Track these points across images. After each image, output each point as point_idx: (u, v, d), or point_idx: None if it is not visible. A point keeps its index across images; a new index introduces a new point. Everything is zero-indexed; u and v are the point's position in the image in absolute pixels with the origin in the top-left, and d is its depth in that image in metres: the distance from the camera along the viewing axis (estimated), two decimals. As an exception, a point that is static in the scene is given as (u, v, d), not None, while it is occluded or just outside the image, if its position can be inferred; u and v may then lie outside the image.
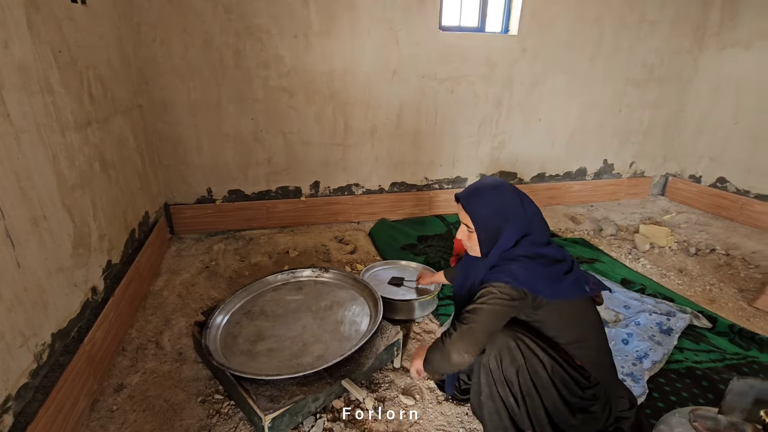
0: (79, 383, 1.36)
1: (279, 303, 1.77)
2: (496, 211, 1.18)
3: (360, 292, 1.87)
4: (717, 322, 2.04)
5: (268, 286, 1.87)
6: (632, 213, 3.65)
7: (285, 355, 1.48)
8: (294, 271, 1.95)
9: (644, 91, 3.58)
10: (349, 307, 1.77)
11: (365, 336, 1.53)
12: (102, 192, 1.78)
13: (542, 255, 1.16)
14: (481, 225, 1.20)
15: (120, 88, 2.11)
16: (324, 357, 1.46)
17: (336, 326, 1.65)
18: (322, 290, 1.88)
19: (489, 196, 1.20)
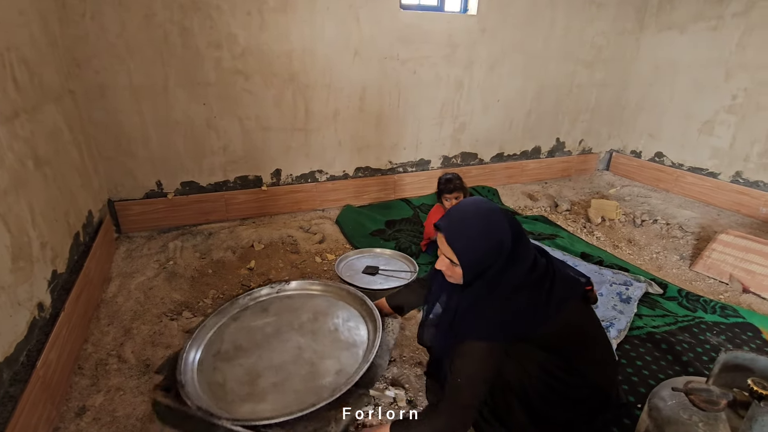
0: (36, 414, 1.21)
1: (250, 332, 1.44)
2: (486, 252, 1.05)
3: (336, 295, 1.66)
4: (667, 287, 2.23)
5: (227, 317, 1.50)
6: (582, 188, 3.87)
7: (298, 383, 1.23)
8: (251, 292, 1.61)
9: (593, 71, 3.74)
10: (335, 314, 1.56)
11: (377, 334, 1.35)
12: (39, 194, 1.56)
13: (527, 285, 1.07)
14: (467, 263, 1.07)
15: (48, 71, 1.84)
16: (344, 370, 1.27)
17: (333, 335, 1.44)
18: (294, 304, 1.60)
19: (478, 236, 1.06)
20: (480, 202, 1.13)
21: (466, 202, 1.14)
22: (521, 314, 1.05)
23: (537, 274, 1.08)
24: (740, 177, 3.32)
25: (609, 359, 1.22)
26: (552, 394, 1.14)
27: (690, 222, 3.13)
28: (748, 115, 3.21)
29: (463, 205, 1.12)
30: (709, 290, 2.31)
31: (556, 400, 1.15)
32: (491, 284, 1.07)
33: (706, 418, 0.89)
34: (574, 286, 1.12)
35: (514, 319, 1.05)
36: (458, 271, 1.09)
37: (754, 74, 3.14)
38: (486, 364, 1.05)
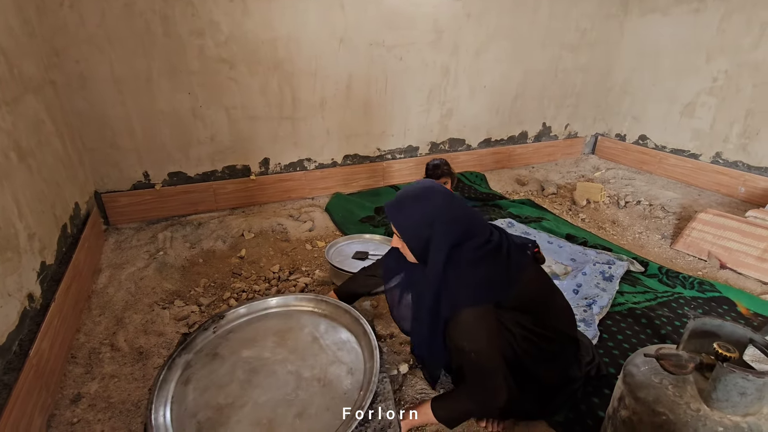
0: (31, 401, 1.23)
1: (218, 376, 1.21)
2: (420, 222, 1.13)
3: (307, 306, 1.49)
4: (648, 265, 2.30)
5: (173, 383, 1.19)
6: (568, 172, 3.92)
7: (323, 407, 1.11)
8: (182, 345, 1.30)
9: (577, 56, 3.77)
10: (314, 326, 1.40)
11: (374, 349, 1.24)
12: (24, 185, 1.55)
13: (492, 251, 1.14)
14: (407, 236, 1.16)
15: (27, 62, 1.81)
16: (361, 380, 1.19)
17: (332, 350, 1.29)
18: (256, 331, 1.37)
19: (411, 207, 1.15)
20: (421, 182, 1.23)
21: (409, 186, 1.23)
22: (491, 280, 1.12)
23: (493, 244, 1.16)
24: (720, 158, 3.40)
25: (566, 305, 1.31)
26: (536, 351, 1.21)
27: (672, 202, 3.21)
28: (728, 97, 3.28)
29: (406, 188, 1.22)
30: (688, 267, 2.39)
31: (540, 356, 1.22)
32: (449, 255, 1.12)
33: (676, 381, 0.94)
34: (525, 249, 1.22)
35: (487, 285, 1.11)
36: (406, 246, 1.19)
37: (733, 57, 3.20)
38: (487, 328, 1.11)
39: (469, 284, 1.11)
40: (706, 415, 0.86)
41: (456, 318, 1.11)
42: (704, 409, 0.87)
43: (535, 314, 1.20)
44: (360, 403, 1.11)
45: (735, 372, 0.82)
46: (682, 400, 0.90)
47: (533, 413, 1.35)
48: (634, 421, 0.95)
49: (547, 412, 1.35)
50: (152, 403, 1.11)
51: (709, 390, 0.87)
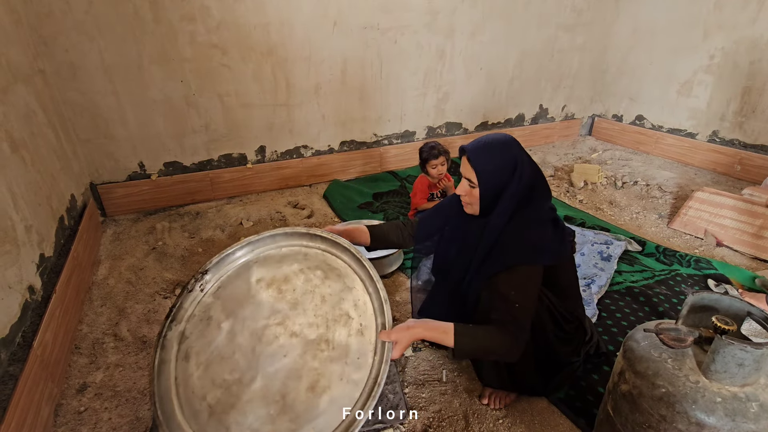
0: (37, 391, 1.24)
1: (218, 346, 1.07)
2: (503, 168, 1.14)
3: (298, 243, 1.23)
4: (645, 245, 2.32)
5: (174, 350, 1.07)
6: (565, 154, 3.92)
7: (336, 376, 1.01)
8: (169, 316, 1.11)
9: (573, 36, 3.73)
10: (312, 271, 1.17)
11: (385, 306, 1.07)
12: (18, 177, 1.53)
13: (553, 219, 1.19)
14: (485, 179, 1.15)
15: (15, 51, 1.77)
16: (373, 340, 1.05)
17: (334, 301, 1.12)
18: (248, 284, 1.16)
19: (495, 151, 1.16)
20: (505, 134, 1.22)
21: (491, 134, 1.23)
22: (549, 244, 1.14)
23: (554, 212, 1.21)
24: (717, 136, 3.40)
25: (580, 293, 1.37)
26: (555, 326, 1.25)
27: (669, 182, 3.22)
28: (725, 75, 3.26)
29: (488, 135, 1.21)
30: (685, 245, 2.41)
31: (558, 333, 1.26)
32: (516, 208, 1.14)
33: (675, 354, 0.96)
34: (570, 230, 1.27)
35: (546, 247, 1.13)
36: (476, 194, 1.18)
37: (730, 33, 3.17)
38: (535, 287, 1.13)
39: (534, 242, 1.13)
40: (704, 386, 0.88)
41: (514, 269, 1.12)
42: (703, 381, 0.89)
43: (558, 293, 1.24)
44: (376, 373, 0.99)
45: (733, 344, 0.83)
46: (681, 373, 0.92)
47: (536, 389, 1.38)
48: (634, 395, 0.97)
49: (548, 389, 1.38)
50: (155, 395, 0.98)
51: (707, 362, 0.89)
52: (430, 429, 1.31)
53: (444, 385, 1.47)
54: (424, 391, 1.44)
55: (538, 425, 1.33)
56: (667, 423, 0.90)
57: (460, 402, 1.40)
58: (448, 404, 1.40)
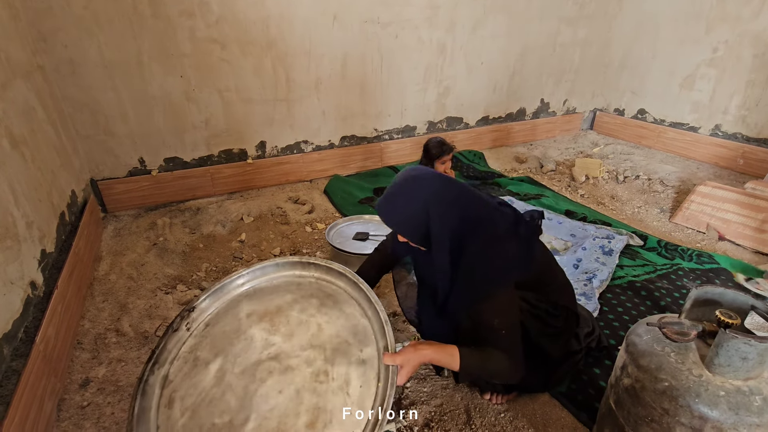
0: (40, 385, 1.24)
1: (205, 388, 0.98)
2: (413, 217, 1.06)
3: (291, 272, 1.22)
4: (647, 239, 2.32)
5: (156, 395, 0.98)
6: (567, 148, 3.90)
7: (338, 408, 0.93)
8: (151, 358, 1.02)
9: (575, 29, 3.70)
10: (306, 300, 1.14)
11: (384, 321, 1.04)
12: (19, 174, 1.53)
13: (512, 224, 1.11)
14: (405, 233, 1.10)
15: (14, 46, 1.76)
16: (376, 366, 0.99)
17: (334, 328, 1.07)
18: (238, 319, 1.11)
19: (400, 204, 1.07)
20: (407, 171, 1.11)
21: (396, 176, 1.13)
22: (516, 259, 1.09)
23: (507, 222, 1.11)
24: (719, 130, 3.39)
25: (567, 281, 1.29)
26: (541, 326, 1.22)
27: (671, 176, 3.20)
28: (729, 68, 3.24)
29: (392, 182, 1.11)
30: (687, 240, 2.40)
31: (545, 331, 1.23)
32: (464, 234, 1.07)
33: (678, 348, 0.95)
34: (533, 223, 1.16)
35: (513, 264, 1.09)
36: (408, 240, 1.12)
37: (734, 26, 3.15)
38: (515, 306, 1.11)
39: (499, 265, 1.07)
40: (708, 380, 0.88)
41: (490, 298, 1.07)
42: (706, 375, 0.89)
43: (539, 290, 1.21)
44: (381, 400, 0.92)
45: (737, 337, 0.83)
46: (684, 367, 0.91)
47: (537, 387, 1.37)
48: (636, 388, 0.97)
49: (549, 384, 1.38)
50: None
51: (711, 356, 0.88)
52: (432, 423, 1.32)
53: (445, 379, 1.47)
54: (425, 386, 1.44)
55: (539, 419, 1.33)
56: (669, 416, 0.90)
57: (462, 396, 1.41)
58: (450, 398, 1.40)
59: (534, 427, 1.30)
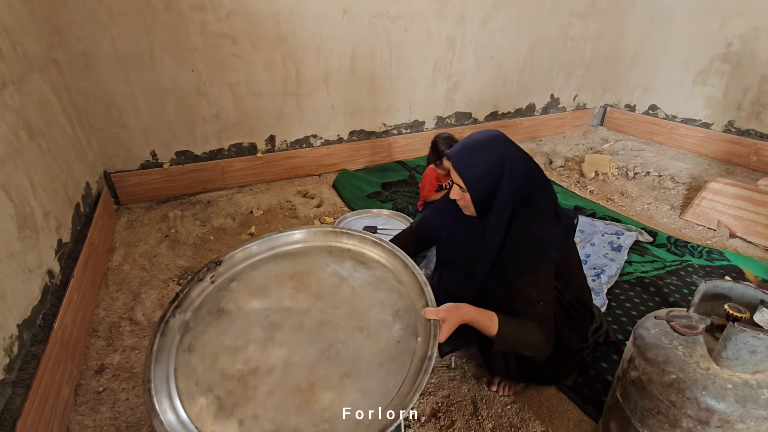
0: (58, 371, 1.28)
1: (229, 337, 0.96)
2: (489, 169, 1.10)
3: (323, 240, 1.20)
4: (657, 236, 2.30)
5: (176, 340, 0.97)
6: (576, 144, 3.88)
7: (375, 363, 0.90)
8: (175, 302, 1.02)
9: (587, 24, 3.66)
10: (339, 264, 1.13)
11: None
12: (36, 165, 1.56)
13: (554, 211, 1.15)
14: (473, 184, 1.13)
15: (30, 40, 1.79)
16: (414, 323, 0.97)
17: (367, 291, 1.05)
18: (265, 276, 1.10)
19: (478, 153, 1.11)
20: (485, 131, 1.18)
21: (476, 133, 1.18)
22: (558, 240, 1.13)
23: (555, 205, 1.18)
24: (732, 126, 3.34)
25: (585, 278, 1.35)
26: (566, 317, 1.24)
27: (682, 173, 3.17)
28: (743, 63, 3.19)
29: (472, 135, 1.18)
30: (697, 237, 2.38)
31: (566, 322, 1.25)
32: (516, 208, 1.12)
33: (685, 342, 0.96)
34: (572, 217, 1.23)
35: (555, 245, 1.13)
36: (468, 198, 1.16)
37: (750, 20, 3.09)
38: (552, 282, 1.13)
39: (544, 241, 1.11)
40: (715, 373, 0.88)
41: (533, 271, 1.10)
42: (714, 368, 0.89)
43: (564, 282, 1.23)
44: (424, 352, 0.89)
45: (746, 331, 0.83)
46: (691, 360, 0.92)
47: (545, 379, 1.38)
48: (643, 381, 0.97)
49: (557, 377, 1.39)
50: (150, 382, 0.85)
51: (719, 349, 0.89)
52: (438, 413, 1.33)
53: (452, 371, 1.49)
54: (432, 377, 1.46)
55: (546, 411, 1.34)
56: (676, 409, 0.91)
57: (469, 388, 1.42)
58: (457, 390, 1.41)
59: (540, 419, 1.32)
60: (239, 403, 0.84)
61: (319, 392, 0.85)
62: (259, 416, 0.81)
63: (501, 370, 1.35)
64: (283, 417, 0.81)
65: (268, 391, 0.85)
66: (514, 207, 1.12)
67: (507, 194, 1.11)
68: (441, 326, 0.94)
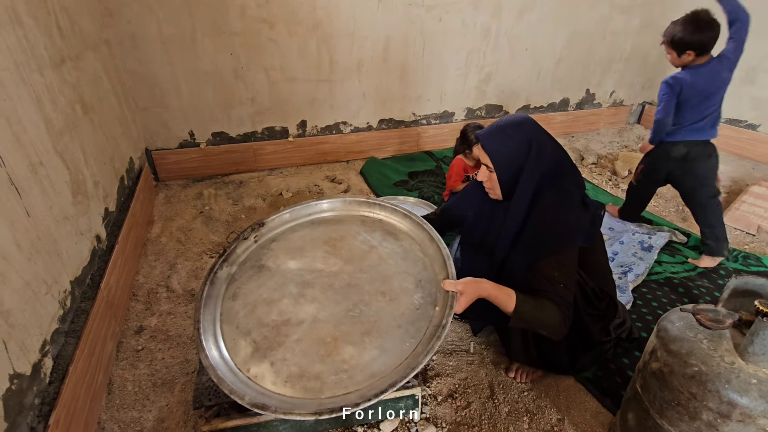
0: (103, 326, 1.38)
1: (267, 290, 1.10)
2: (516, 149, 1.13)
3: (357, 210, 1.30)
4: (690, 237, 2.23)
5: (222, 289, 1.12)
6: (610, 142, 3.77)
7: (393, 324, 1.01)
8: (223, 256, 1.16)
9: (629, 17, 3.53)
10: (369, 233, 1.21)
11: None
12: (88, 137, 1.67)
13: (582, 198, 1.17)
14: (500, 163, 1.16)
15: (85, 20, 1.91)
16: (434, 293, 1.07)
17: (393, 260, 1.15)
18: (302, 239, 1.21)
19: (507, 133, 1.15)
20: (516, 114, 1.22)
21: (506, 116, 1.22)
22: (585, 224, 1.15)
23: (582, 189, 1.19)
24: (781, 129, 3.17)
25: (611, 272, 1.36)
26: (588, 306, 1.25)
27: (722, 175, 3.04)
28: (798, 62, 3.01)
29: (502, 117, 1.21)
30: (734, 241, 2.29)
31: (590, 311, 1.26)
32: (542, 188, 1.13)
33: (711, 336, 0.95)
34: (600, 206, 1.24)
35: (581, 228, 1.14)
36: (495, 178, 1.18)
37: (808, 15, 2.91)
38: (575, 265, 1.15)
39: (569, 223, 1.13)
40: (740, 367, 0.88)
41: (556, 252, 1.11)
42: (738, 362, 0.89)
43: (589, 270, 1.24)
44: (440, 320, 0.97)
45: (775, 326, 0.82)
46: (716, 353, 0.91)
47: (564, 368, 1.39)
48: (664, 373, 0.97)
49: (576, 368, 1.39)
50: (199, 322, 0.98)
51: (745, 344, 0.88)
52: (455, 394, 1.37)
53: (471, 355, 1.51)
54: (451, 360, 1.49)
55: (563, 400, 1.35)
56: (697, 401, 0.91)
57: (486, 372, 1.45)
58: (474, 374, 1.44)
59: (556, 407, 1.33)
60: (272, 347, 0.97)
61: (341, 345, 0.96)
62: (287, 360, 0.94)
63: (520, 354, 1.36)
64: (307, 363, 0.93)
65: (297, 340, 0.98)
66: (541, 190, 1.14)
67: (532, 176, 1.13)
68: (459, 298, 1.01)
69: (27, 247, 1.09)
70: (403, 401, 1.18)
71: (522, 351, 1.38)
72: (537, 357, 1.35)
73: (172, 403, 1.32)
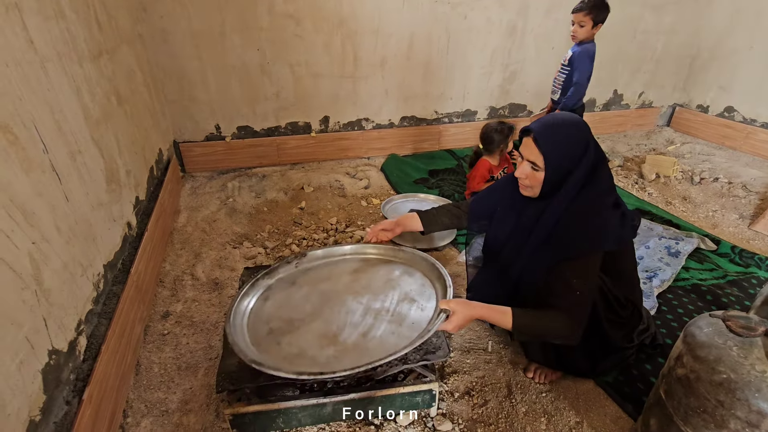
0: (132, 309, 1.44)
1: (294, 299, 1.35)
2: (573, 151, 1.09)
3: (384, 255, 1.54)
4: (720, 244, 2.17)
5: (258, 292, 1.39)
6: (637, 144, 3.68)
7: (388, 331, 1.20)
8: (267, 270, 1.44)
9: (661, 15, 3.43)
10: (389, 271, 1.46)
11: None
12: (121, 128, 1.74)
13: (615, 201, 1.14)
14: (554, 164, 1.10)
15: (121, 15, 1.98)
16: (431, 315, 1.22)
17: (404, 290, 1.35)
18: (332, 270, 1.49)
19: (567, 134, 1.10)
20: (567, 114, 1.18)
21: (553, 115, 1.17)
22: (614, 229, 1.11)
23: (616, 195, 1.16)
24: (822, 134, 3.03)
25: (639, 281, 1.32)
26: (610, 312, 1.23)
27: (756, 182, 2.93)
28: (842, 64, 2.87)
29: (551, 115, 1.16)
30: (767, 249, 2.21)
31: (610, 317, 1.23)
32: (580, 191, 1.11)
33: (741, 343, 0.92)
34: (635, 216, 1.20)
35: (609, 233, 1.10)
36: (539, 177, 1.13)
37: None
38: (596, 273, 1.12)
39: (597, 228, 1.10)
40: (771, 376, 0.85)
41: (579, 258, 1.10)
42: (770, 371, 0.86)
43: (615, 277, 1.21)
44: (426, 325, 1.16)
45: (811, 335, 0.79)
46: (746, 361, 0.89)
47: (584, 371, 1.37)
48: (690, 379, 0.95)
49: (597, 371, 1.37)
50: (233, 307, 1.25)
51: (778, 353, 0.85)
52: (472, 392, 1.37)
53: (489, 354, 1.51)
54: (468, 358, 1.49)
55: (582, 404, 1.34)
56: (724, 409, 0.88)
57: (504, 372, 1.44)
58: (492, 372, 1.44)
59: (575, 410, 1.31)
60: (283, 333, 1.22)
61: (340, 341, 1.18)
62: (292, 344, 1.17)
63: (537, 355, 1.35)
64: (307, 347, 1.16)
65: (305, 331, 1.22)
66: (579, 191, 1.11)
67: (579, 179, 1.10)
68: (451, 317, 1.10)
69: (66, 231, 1.14)
70: (420, 395, 1.20)
71: (540, 352, 1.37)
72: (555, 358, 1.34)
73: (195, 386, 1.36)
